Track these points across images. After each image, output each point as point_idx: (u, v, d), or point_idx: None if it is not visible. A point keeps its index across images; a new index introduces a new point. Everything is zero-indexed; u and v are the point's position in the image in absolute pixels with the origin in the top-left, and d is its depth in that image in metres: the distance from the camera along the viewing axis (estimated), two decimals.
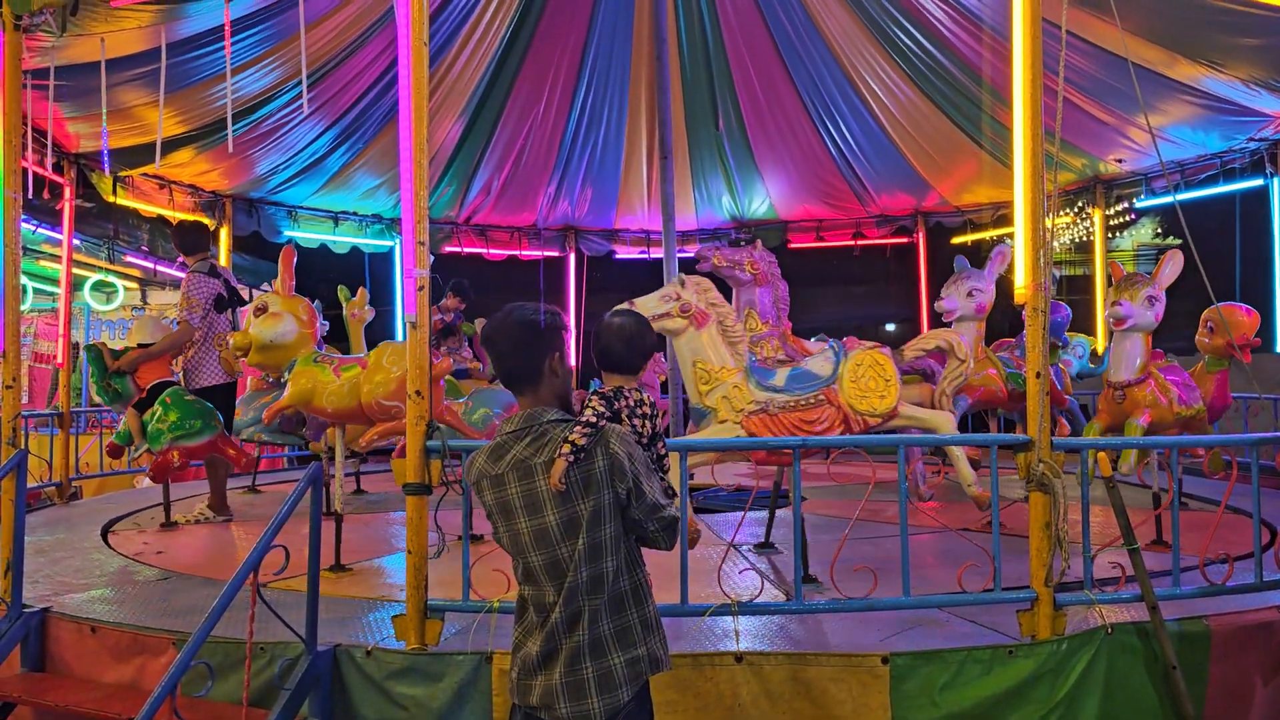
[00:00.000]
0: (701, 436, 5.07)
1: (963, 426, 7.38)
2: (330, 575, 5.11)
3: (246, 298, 7.49)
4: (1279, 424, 8.11)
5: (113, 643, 4.25)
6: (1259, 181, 9.15)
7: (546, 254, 13.30)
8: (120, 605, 4.65)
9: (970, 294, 6.59)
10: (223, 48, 6.78)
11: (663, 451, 2.88)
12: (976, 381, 6.56)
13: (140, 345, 6.93)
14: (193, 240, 7.29)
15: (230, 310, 7.19)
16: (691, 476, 4.99)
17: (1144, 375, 5.79)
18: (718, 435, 5.06)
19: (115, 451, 7.10)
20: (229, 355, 6.80)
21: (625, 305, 5.13)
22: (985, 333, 6.97)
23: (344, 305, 7.15)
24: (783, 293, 6.03)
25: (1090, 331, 9.91)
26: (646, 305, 5.11)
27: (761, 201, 12.70)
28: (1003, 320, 8.43)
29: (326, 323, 9.11)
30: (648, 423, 2.83)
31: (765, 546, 5.65)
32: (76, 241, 9.80)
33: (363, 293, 7.45)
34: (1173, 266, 5.85)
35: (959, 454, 5.38)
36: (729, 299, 5.74)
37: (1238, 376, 6.53)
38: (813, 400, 5.15)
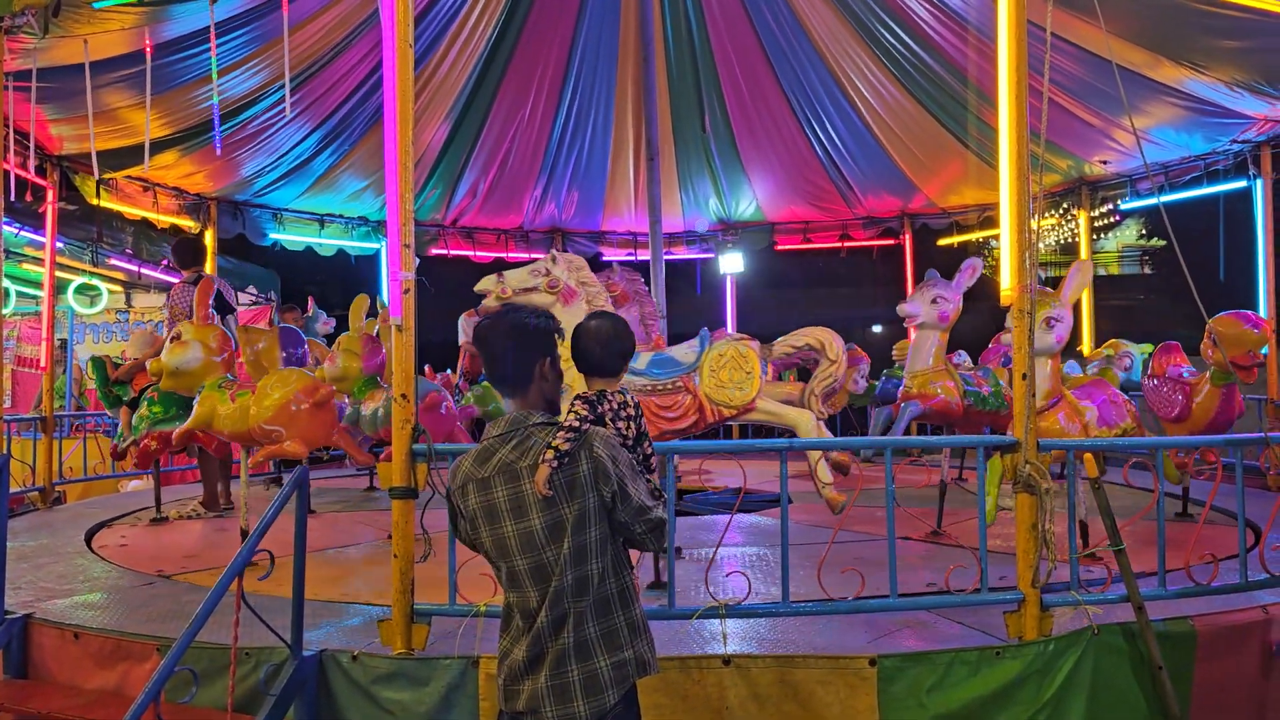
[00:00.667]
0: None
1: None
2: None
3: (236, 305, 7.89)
4: (1262, 425, 8.15)
5: (96, 649, 4.22)
6: (1242, 183, 9.19)
7: (533, 256, 13.22)
8: (103, 611, 4.61)
9: (934, 301, 6.31)
10: (208, 49, 6.76)
11: (649, 451, 2.87)
12: (930, 390, 6.37)
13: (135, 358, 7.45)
14: (189, 255, 7.75)
15: (219, 318, 7.28)
16: (679, 479, 4.99)
17: (1051, 402, 5.25)
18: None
19: (119, 454, 7.48)
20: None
21: (494, 276, 5.15)
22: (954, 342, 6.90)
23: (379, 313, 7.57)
24: (650, 310, 6.03)
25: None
26: (516, 278, 5.19)
27: (748, 203, 12.71)
28: (991, 324, 8.43)
29: (332, 320, 9.33)
30: (632, 424, 2.82)
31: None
32: (60, 244, 9.74)
33: None
34: (1079, 279, 5.40)
35: (818, 455, 5.22)
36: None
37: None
38: (670, 387, 5.16)
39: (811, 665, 3.70)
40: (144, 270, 12.63)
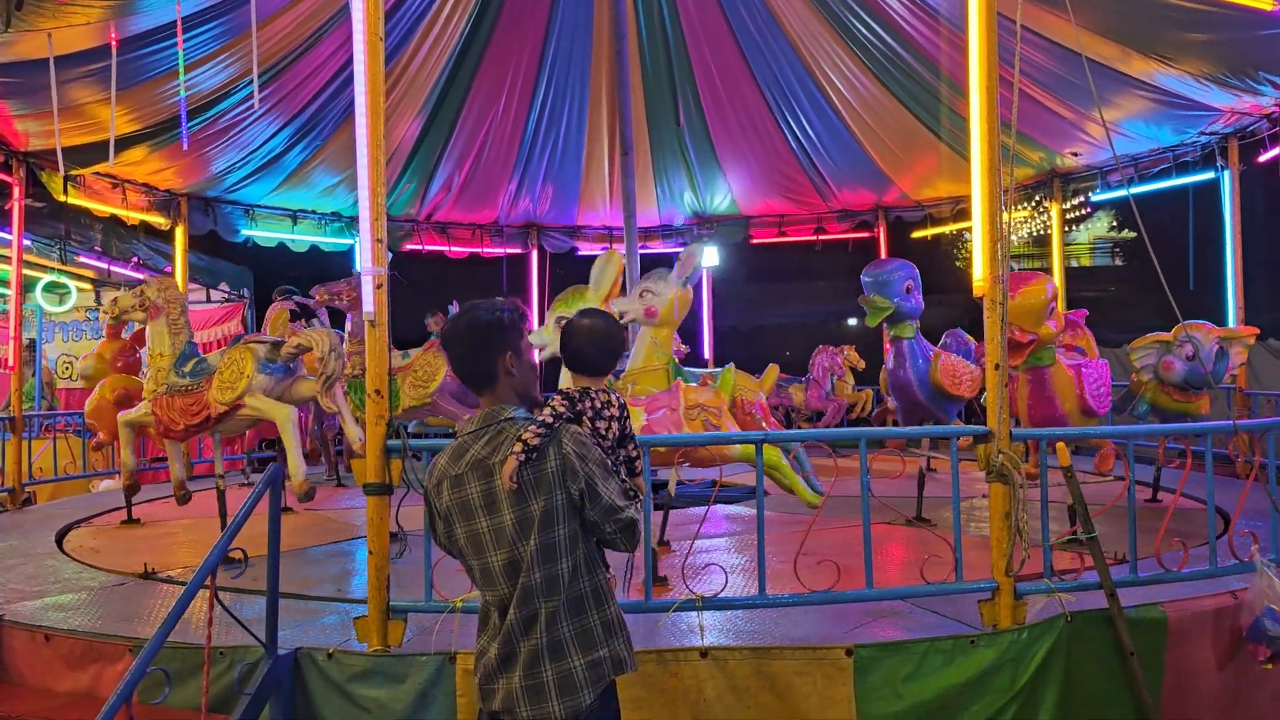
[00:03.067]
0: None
1: None
2: (124, 528, 6.83)
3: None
4: (1231, 414, 8.25)
5: (67, 651, 4.18)
6: (1210, 175, 9.28)
7: (509, 251, 13.22)
8: (74, 612, 4.57)
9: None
10: (175, 44, 6.68)
11: (633, 454, 2.85)
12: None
13: None
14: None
15: (304, 321, 8.24)
16: (654, 473, 4.99)
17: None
18: (141, 411, 6.16)
19: None
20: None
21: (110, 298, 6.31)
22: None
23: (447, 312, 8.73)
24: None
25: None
26: (123, 300, 6.19)
27: (723, 197, 12.72)
28: (964, 315, 8.46)
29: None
30: (614, 424, 2.78)
31: None
32: (27, 242, 9.59)
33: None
34: (691, 261, 5.68)
35: (293, 447, 5.58)
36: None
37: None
38: (195, 387, 5.83)
39: (788, 656, 3.72)
40: (113, 268, 12.46)
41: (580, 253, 13.46)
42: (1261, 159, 8.63)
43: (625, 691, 3.27)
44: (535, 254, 13.25)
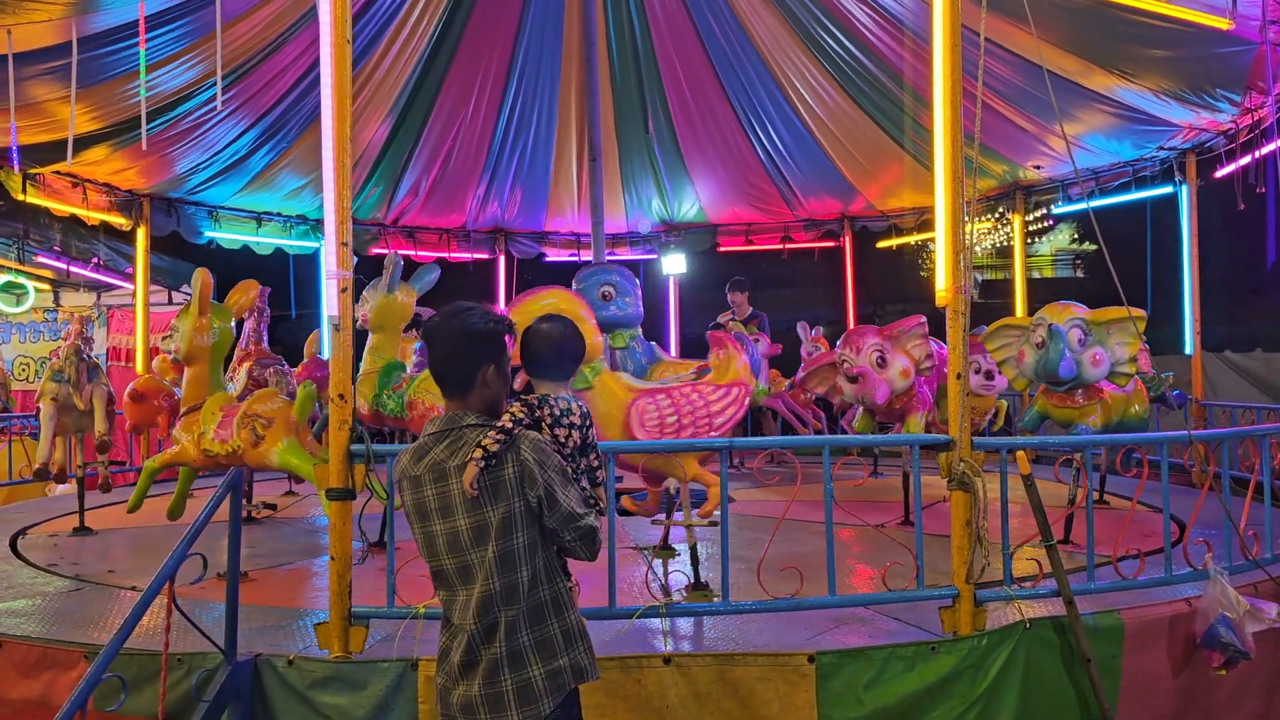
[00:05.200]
0: None
1: None
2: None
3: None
4: (1187, 424, 8.39)
5: (20, 658, 4.09)
6: (1169, 189, 9.45)
7: (476, 256, 13.16)
8: (28, 618, 4.48)
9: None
10: (137, 42, 6.61)
11: (595, 464, 2.83)
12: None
13: None
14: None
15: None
16: (620, 480, 4.99)
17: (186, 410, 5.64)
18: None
19: None
20: None
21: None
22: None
23: None
24: (262, 325, 7.45)
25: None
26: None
27: (691, 205, 12.75)
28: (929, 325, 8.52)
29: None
30: (575, 433, 2.77)
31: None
32: None
33: None
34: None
35: (44, 433, 6.40)
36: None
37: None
38: None
39: (751, 663, 3.73)
40: (73, 268, 12.29)
41: (548, 258, 13.44)
42: (1219, 174, 8.78)
43: (589, 698, 3.27)
44: (503, 259, 13.20)
